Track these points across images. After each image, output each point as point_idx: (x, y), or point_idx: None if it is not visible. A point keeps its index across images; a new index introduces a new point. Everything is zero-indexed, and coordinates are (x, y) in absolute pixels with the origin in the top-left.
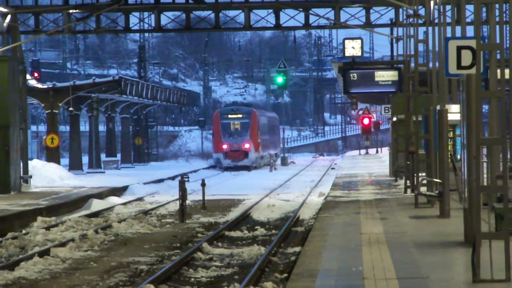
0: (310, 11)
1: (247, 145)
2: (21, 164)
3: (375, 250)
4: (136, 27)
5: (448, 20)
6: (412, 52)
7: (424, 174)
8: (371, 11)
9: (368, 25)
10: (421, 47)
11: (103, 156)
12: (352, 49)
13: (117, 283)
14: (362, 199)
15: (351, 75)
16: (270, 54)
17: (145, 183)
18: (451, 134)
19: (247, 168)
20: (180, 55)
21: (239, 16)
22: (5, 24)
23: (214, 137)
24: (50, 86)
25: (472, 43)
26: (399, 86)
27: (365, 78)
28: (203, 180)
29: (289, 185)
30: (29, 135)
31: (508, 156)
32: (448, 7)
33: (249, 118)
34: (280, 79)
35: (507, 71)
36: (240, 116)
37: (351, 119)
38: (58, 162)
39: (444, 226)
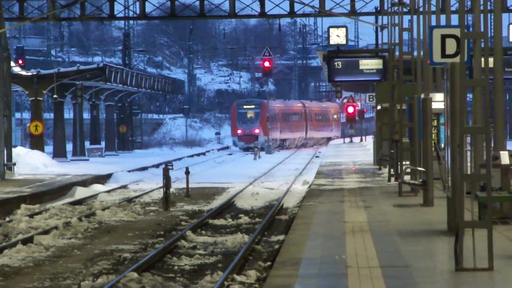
0: None
1: (257, 130)
2: (5, 151)
3: (359, 239)
4: (121, 15)
5: (433, 8)
6: (397, 41)
7: (408, 162)
8: None
9: (353, 13)
10: (405, 35)
11: (87, 144)
12: (337, 37)
13: (101, 270)
14: (346, 188)
15: (336, 63)
16: (255, 42)
17: (129, 171)
18: (435, 123)
19: (261, 149)
20: (164, 42)
21: (224, 3)
22: None
23: (232, 124)
24: (34, 73)
25: (457, 32)
26: (383, 74)
27: (349, 67)
28: (187, 168)
29: (273, 173)
30: (13, 122)
31: (492, 145)
32: None
33: (260, 108)
34: (266, 63)
35: (491, 59)
36: (252, 106)
37: None
38: (42, 150)
39: (428, 215)
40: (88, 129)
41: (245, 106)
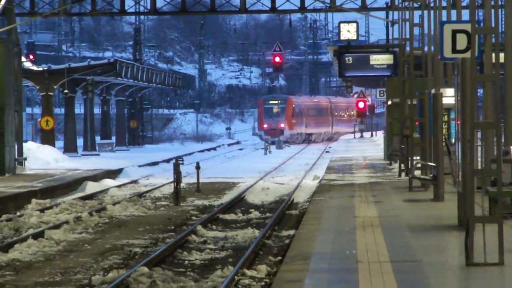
0: None
1: (282, 125)
2: (16, 146)
3: (369, 234)
4: (132, 10)
5: (444, 3)
6: (408, 36)
7: (418, 157)
8: None
9: (363, 8)
10: (416, 30)
11: (98, 139)
12: (348, 32)
13: (111, 265)
14: (356, 183)
15: (346, 58)
16: (266, 37)
17: (139, 166)
18: (445, 118)
19: (285, 142)
20: (175, 38)
21: None
22: (0, 6)
23: (258, 118)
24: (45, 68)
25: (467, 27)
26: (394, 69)
27: (360, 62)
28: (197, 163)
29: (284, 168)
30: (24, 117)
31: (502, 140)
32: None
33: (285, 103)
34: (277, 58)
35: (502, 55)
36: (278, 102)
37: None
38: (53, 145)
39: (438, 210)
40: (99, 124)
41: (271, 102)
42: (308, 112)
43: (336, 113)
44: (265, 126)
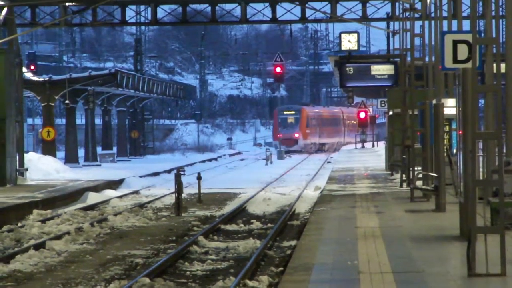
0: (307, 5)
1: (296, 135)
2: (17, 157)
3: (371, 244)
4: (133, 20)
5: (445, 14)
6: (409, 46)
7: (420, 168)
8: (368, 4)
9: (364, 19)
10: (417, 41)
11: (99, 149)
12: (349, 42)
13: (113, 276)
14: (358, 193)
15: (347, 69)
16: (267, 48)
17: (141, 176)
18: (447, 128)
19: (299, 152)
20: (176, 48)
21: (236, 9)
22: (1, 17)
23: (273, 128)
24: (46, 79)
25: (468, 37)
26: (395, 80)
27: (361, 72)
28: (199, 174)
29: (285, 178)
30: (25, 128)
31: (504, 150)
32: (444, 1)
33: (299, 114)
34: (278, 69)
35: (503, 65)
36: (292, 112)
37: None
38: (54, 155)
39: (440, 220)
40: (100, 135)
41: (285, 112)
42: (321, 122)
43: (348, 124)
44: (280, 136)
